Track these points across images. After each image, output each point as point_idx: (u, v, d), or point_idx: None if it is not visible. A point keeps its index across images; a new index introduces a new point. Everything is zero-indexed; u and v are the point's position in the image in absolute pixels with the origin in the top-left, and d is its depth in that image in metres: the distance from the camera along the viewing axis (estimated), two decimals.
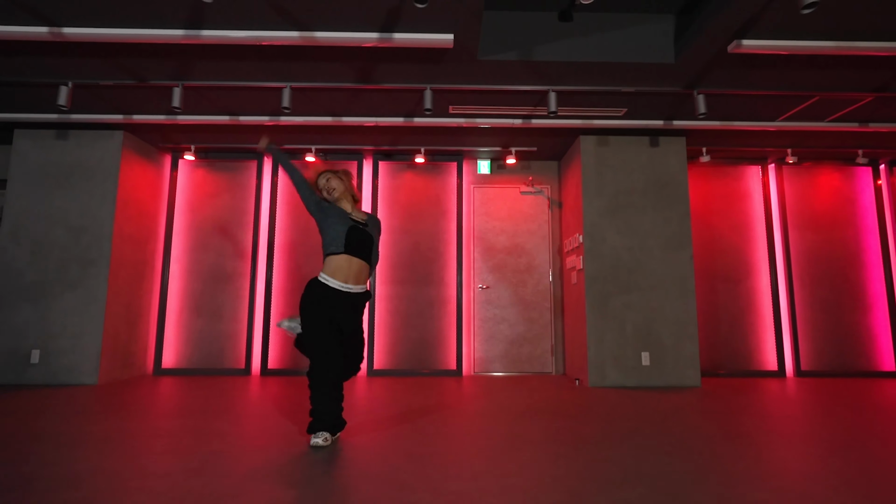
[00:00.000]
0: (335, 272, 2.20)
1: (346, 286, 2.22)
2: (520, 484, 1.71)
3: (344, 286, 2.21)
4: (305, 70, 3.25)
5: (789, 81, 3.39)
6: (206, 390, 3.71)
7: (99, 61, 3.15)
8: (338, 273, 2.20)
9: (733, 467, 1.90)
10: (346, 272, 2.22)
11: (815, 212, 5.03)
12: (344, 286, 2.21)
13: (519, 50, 3.10)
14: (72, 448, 2.12)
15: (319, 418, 2.16)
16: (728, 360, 4.78)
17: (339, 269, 2.20)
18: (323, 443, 2.14)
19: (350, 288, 2.23)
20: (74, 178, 4.19)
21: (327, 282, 2.20)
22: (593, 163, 4.32)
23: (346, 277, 2.22)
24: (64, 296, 4.03)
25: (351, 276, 2.22)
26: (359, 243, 2.24)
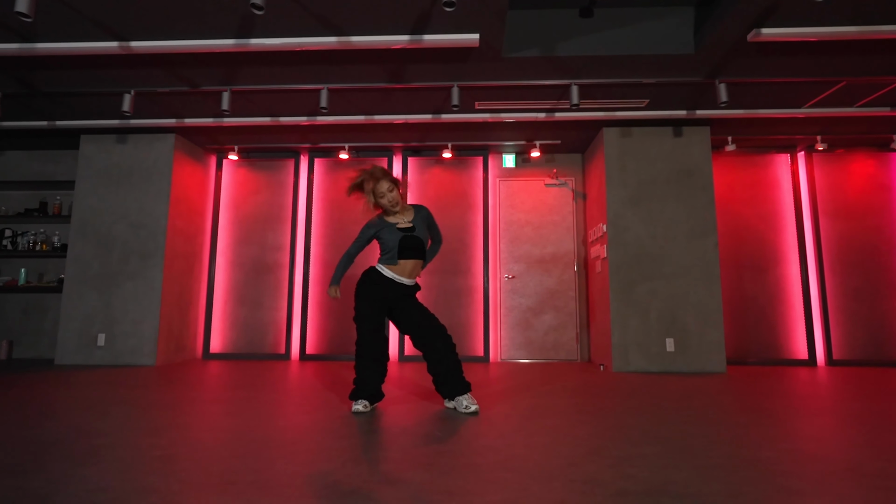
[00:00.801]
0: (399, 271, 2.46)
1: (399, 278, 2.46)
2: (543, 441, 1.89)
3: (397, 278, 2.46)
4: (341, 72, 3.50)
5: (813, 68, 3.41)
6: (253, 371, 4.03)
7: (157, 70, 3.49)
8: (395, 269, 2.46)
9: (747, 434, 2.02)
10: (402, 271, 2.47)
11: (848, 199, 4.95)
12: (397, 278, 2.46)
13: (541, 47, 3.26)
14: (146, 410, 2.43)
15: (361, 387, 2.39)
16: (756, 349, 4.78)
17: (403, 270, 2.47)
18: (363, 409, 2.37)
19: (403, 281, 2.47)
20: (133, 178, 4.60)
21: (383, 271, 2.45)
22: (616, 154, 4.42)
23: (401, 273, 2.46)
24: (125, 285, 4.44)
25: (406, 273, 2.47)
26: (411, 249, 2.45)
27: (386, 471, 1.52)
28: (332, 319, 5.03)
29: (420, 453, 1.71)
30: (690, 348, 4.16)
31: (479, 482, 1.43)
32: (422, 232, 2.50)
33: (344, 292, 5.07)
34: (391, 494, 1.33)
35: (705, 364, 4.14)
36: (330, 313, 5.04)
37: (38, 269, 5.01)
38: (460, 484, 1.41)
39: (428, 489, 1.37)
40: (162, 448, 1.76)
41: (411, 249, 2.45)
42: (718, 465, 1.61)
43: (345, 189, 5.23)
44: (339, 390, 3.08)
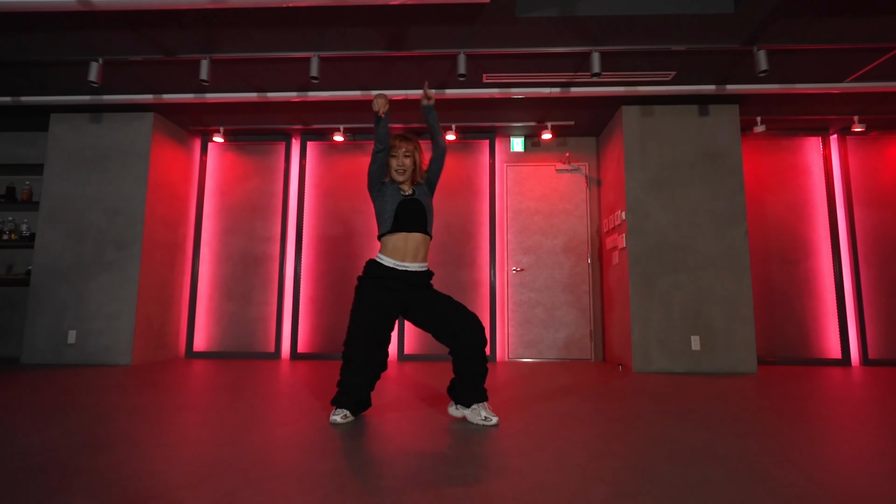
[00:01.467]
0: (392, 251, 2.04)
1: (402, 264, 2.03)
2: (576, 461, 1.52)
3: (400, 264, 2.02)
4: (334, 37, 3.12)
5: (867, 29, 3.03)
6: (238, 371, 3.66)
7: (127, 34, 3.10)
8: (395, 252, 2.03)
9: (816, 451, 1.65)
10: (404, 250, 2.03)
11: (884, 186, 4.58)
12: (400, 264, 2.02)
13: (561, 4, 2.87)
14: (103, 419, 2.05)
15: (344, 391, 2.01)
16: (784, 347, 4.41)
17: (395, 249, 2.03)
18: (341, 420, 1.99)
19: (407, 266, 2.03)
20: (108, 161, 4.21)
21: (382, 260, 2.04)
22: (636, 134, 4.04)
23: (404, 255, 2.03)
24: (99, 277, 4.06)
25: (409, 253, 2.04)
26: (410, 215, 2.04)
27: (389, 487, 1.15)
28: (326, 315, 4.66)
29: (425, 479, 1.34)
30: (718, 346, 3.79)
31: None
32: (426, 199, 2.11)
33: (342, 283, 4.69)
34: None
35: (734, 364, 3.77)
36: (324, 309, 4.67)
37: (6, 260, 4.63)
38: None
39: None
40: (97, 472, 1.39)
41: (411, 216, 2.03)
42: (806, 494, 1.24)
43: (340, 176, 4.85)
44: (330, 395, 2.71)
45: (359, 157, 4.87)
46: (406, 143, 2.09)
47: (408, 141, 2.10)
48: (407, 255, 2.04)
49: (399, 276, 2.02)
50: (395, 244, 2.03)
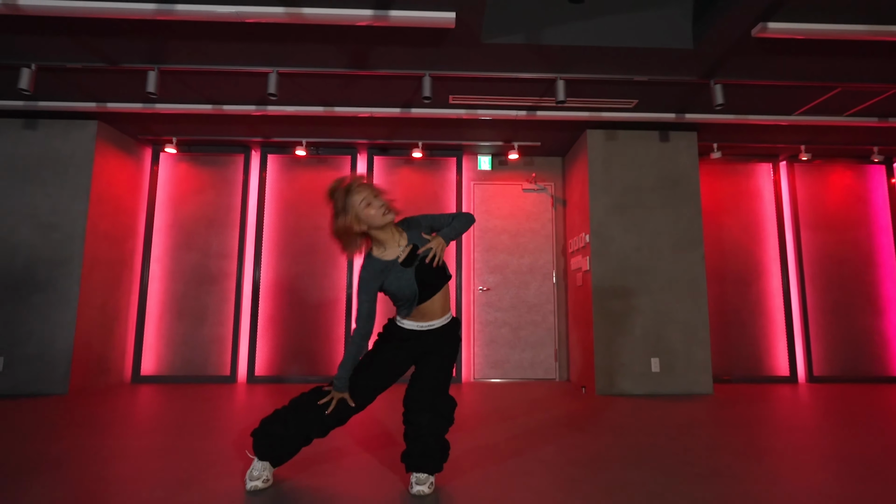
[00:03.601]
0: (417, 316, 1.72)
1: (424, 325, 1.72)
2: None
3: (422, 325, 1.72)
4: (294, 53, 2.99)
5: (813, 70, 3.18)
6: (186, 401, 3.43)
7: (65, 40, 2.86)
8: (421, 316, 1.72)
9: (767, 492, 1.67)
10: (430, 313, 1.72)
11: (828, 211, 4.84)
12: (422, 325, 1.72)
13: (526, 32, 2.86)
14: (20, 472, 1.84)
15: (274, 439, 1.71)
16: (738, 366, 4.57)
17: (421, 314, 1.71)
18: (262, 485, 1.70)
19: (424, 325, 1.72)
20: (45, 171, 3.89)
21: (403, 324, 1.73)
22: (601, 158, 4.10)
23: (430, 317, 1.72)
24: (32, 298, 3.73)
25: (434, 313, 1.72)
26: (430, 283, 1.69)
27: None
28: (287, 336, 4.47)
29: None
30: (677, 368, 3.88)
31: None
32: (422, 241, 1.73)
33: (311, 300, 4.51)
34: None
35: (692, 385, 3.86)
36: (284, 328, 4.48)
37: None
38: None
39: None
40: None
41: (431, 283, 1.68)
42: None
43: (302, 190, 4.69)
44: None
45: (322, 172, 4.72)
46: (369, 188, 1.68)
47: (368, 187, 1.69)
48: (435, 315, 1.73)
49: (426, 337, 1.73)
50: (422, 311, 1.71)
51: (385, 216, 1.64)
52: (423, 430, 1.69)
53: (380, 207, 1.64)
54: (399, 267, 1.66)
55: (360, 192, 1.65)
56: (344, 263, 4.59)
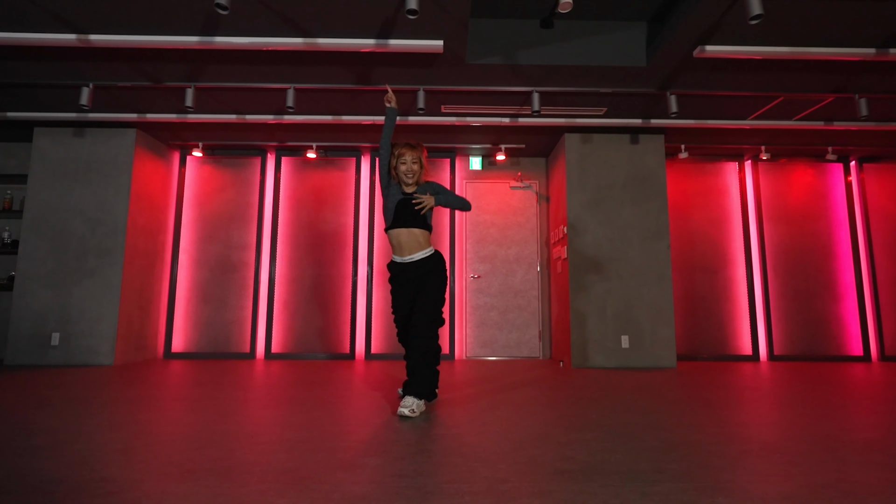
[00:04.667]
0: (394, 248, 2.38)
1: (406, 258, 2.34)
2: (494, 430, 2.00)
3: (404, 259, 2.35)
4: (308, 73, 3.54)
5: (754, 83, 3.68)
6: (215, 369, 4.00)
7: (119, 65, 3.43)
8: (395, 249, 2.37)
9: (682, 421, 2.19)
10: (400, 245, 2.33)
11: (789, 206, 5.32)
12: (404, 259, 2.35)
13: (504, 54, 3.39)
14: (103, 407, 2.41)
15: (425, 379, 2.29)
16: (705, 345, 5.07)
17: (395, 246, 2.36)
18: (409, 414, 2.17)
19: (404, 259, 2.35)
20: (91, 173, 4.48)
21: (394, 259, 2.41)
22: (577, 159, 4.61)
23: (401, 250, 2.34)
24: (82, 283, 4.32)
25: (404, 247, 2.33)
26: (407, 214, 2.30)
27: (343, 458, 1.60)
28: (299, 317, 5.03)
29: (377, 441, 1.79)
30: (644, 345, 4.39)
31: (429, 465, 1.53)
32: (423, 195, 2.35)
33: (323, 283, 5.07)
34: (347, 478, 1.41)
35: (658, 360, 4.37)
36: (296, 312, 5.04)
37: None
38: (413, 467, 1.51)
39: (382, 472, 1.45)
40: (121, 441, 1.78)
41: (408, 215, 2.30)
42: (651, 447, 1.76)
43: (312, 189, 5.25)
44: (302, 387, 3.12)
45: (331, 172, 5.28)
46: (412, 150, 2.37)
47: (413, 148, 2.38)
48: (403, 249, 2.35)
49: (403, 270, 2.37)
50: (394, 241, 2.36)
51: (406, 178, 2.37)
52: (413, 352, 2.25)
53: (406, 171, 2.36)
54: (399, 193, 2.37)
55: (408, 153, 2.38)
56: (350, 254, 5.14)
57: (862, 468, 1.53)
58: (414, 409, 2.20)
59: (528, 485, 1.37)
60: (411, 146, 2.40)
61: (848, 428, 2.05)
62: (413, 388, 2.25)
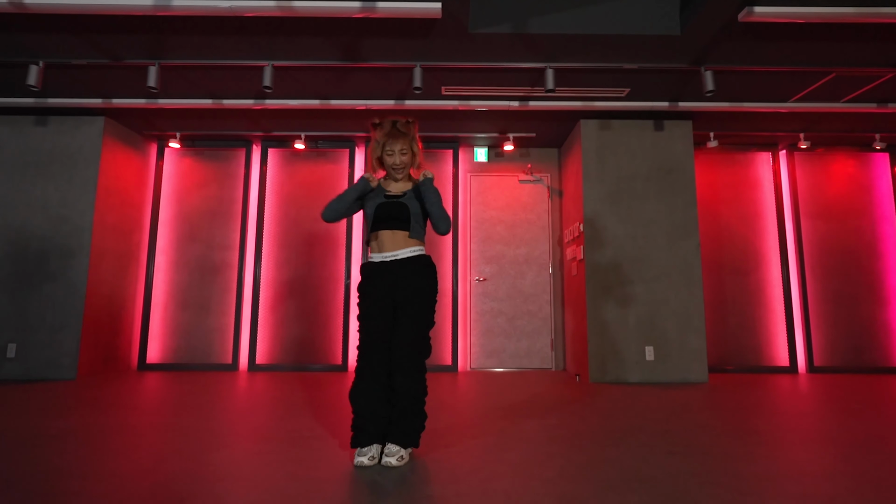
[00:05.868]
0: (375, 248, 1.90)
1: (379, 256, 1.87)
2: (503, 487, 1.52)
3: (386, 256, 1.86)
4: (288, 46, 3.07)
5: (804, 55, 3.17)
6: (191, 384, 3.55)
7: (70, 38, 2.98)
8: (376, 248, 1.89)
9: (745, 469, 1.70)
10: (382, 244, 1.87)
11: (829, 200, 4.79)
12: (386, 256, 1.86)
13: (513, 22, 2.90)
14: (37, 445, 1.95)
15: (358, 424, 1.76)
16: (736, 355, 4.56)
17: (376, 245, 1.89)
18: (368, 462, 1.70)
19: (386, 256, 1.86)
20: (54, 165, 4.04)
21: (372, 258, 1.90)
22: (594, 147, 4.12)
23: (381, 248, 1.87)
24: (43, 287, 3.89)
25: (386, 244, 1.86)
26: (388, 215, 1.86)
27: None
28: (286, 325, 4.57)
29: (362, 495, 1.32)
30: (671, 357, 3.89)
31: None
32: (413, 204, 1.88)
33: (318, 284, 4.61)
34: None
35: (686, 373, 3.87)
36: (284, 318, 4.58)
37: None
38: None
39: None
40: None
41: (389, 216, 1.85)
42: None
43: (301, 183, 4.79)
44: (278, 413, 2.65)
45: (321, 165, 4.81)
46: (399, 138, 1.88)
47: (401, 134, 1.88)
48: (385, 247, 1.87)
49: (384, 269, 1.85)
50: (375, 242, 1.89)
51: (394, 171, 1.90)
52: (402, 397, 1.76)
53: (395, 163, 1.89)
54: (382, 195, 1.90)
55: (394, 142, 1.88)
56: (342, 255, 4.68)
57: None
58: (403, 457, 1.74)
59: None
60: (399, 130, 1.88)
61: None
62: (400, 436, 1.76)
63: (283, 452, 1.88)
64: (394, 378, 1.76)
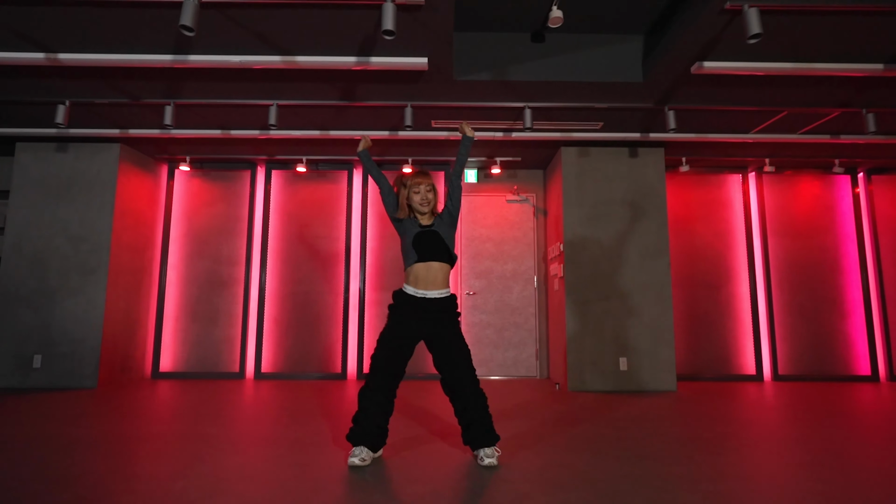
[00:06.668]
0: (414, 281, 2.18)
1: (420, 292, 2.16)
2: (471, 484, 1.86)
3: (418, 292, 2.17)
4: (291, 89, 3.40)
5: (757, 98, 3.51)
6: (203, 392, 3.88)
7: (95, 82, 3.32)
8: (417, 282, 2.18)
9: (676, 473, 2.04)
10: (424, 279, 2.16)
11: (795, 219, 5.14)
12: (418, 292, 2.17)
13: (493, 70, 3.24)
14: (64, 451, 2.29)
15: (360, 424, 2.12)
16: (707, 365, 4.90)
17: (416, 278, 2.18)
18: (360, 462, 2.04)
19: (425, 293, 2.16)
20: (74, 189, 4.37)
21: (406, 289, 2.20)
22: (574, 173, 4.46)
23: (425, 284, 2.16)
24: (65, 303, 4.22)
25: (429, 281, 2.17)
26: (429, 246, 2.18)
27: None
28: (290, 336, 4.91)
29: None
30: (643, 367, 4.23)
31: None
32: (444, 230, 2.21)
33: None
34: None
35: (657, 383, 4.21)
36: (288, 329, 4.92)
37: None
38: None
39: None
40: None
41: (430, 246, 2.16)
42: None
43: (303, 202, 5.12)
44: (284, 419, 2.99)
45: (322, 185, 5.15)
46: (425, 178, 2.27)
47: (425, 176, 2.28)
48: (428, 284, 2.16)
49: (420, 305, 2.15)
50: (416, 273, 2.17)
51: (421, 207, 2.24)
52: (470, 405, 2.14)
53: (421, 200, 2.24)
54: (415, 225, 2.24)
55: (418, 183, 2.25)
56: (342, 269, 5.01)
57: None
58: (494, 454, 2.14)
59: None
60: (423, 173, 2.29)
61: (857, 477, 1.89)
62: (485, 439, 2.16)
63: (290, 456, 2.21)
64: (463, 393, 2.16)
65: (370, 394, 2.14)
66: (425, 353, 4.90)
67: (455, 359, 2.16)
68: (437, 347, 2.18)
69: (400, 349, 2.15)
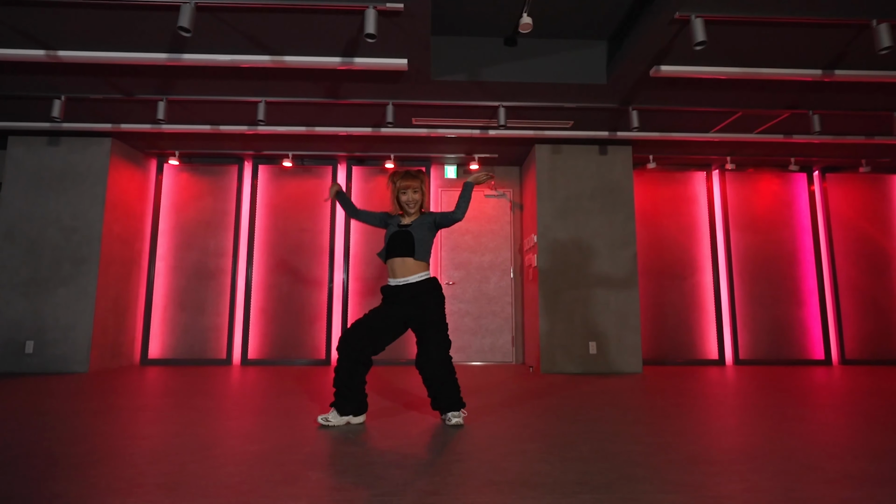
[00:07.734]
0: (392, 273, 2.40)
1: (395, 281, 2.39)
2: (441, 440, 2.10)
3: (394, 281, 2.40)
4: (279, 87, 3.61)
5: (713, 100, 3.81)
6: (190, 376, 4.06)
7: (89, 78, 3.48)
8: (394, 273, 2.40)
9: (622, 431, 2.31)
10: (400, 270, 2.38)
11: (756, 214, 5.49)
12: (394, 281, 2.40)
13: (469, 72, 3.49)
14: (69, 419, 2.47)
15: (338, 392, 2.33)
16: (674, 351, 5.22)
17: (393, 271, 2.40)
18: (322, 422, 2.32)
19: (398, 282, 2.38)
20: (66, 181, 4.51)
21: (389, 282, 2.44)
22: (547, 169, 4.73)
23: (401, 273, 2.37)
24: (57, 291, 4.35)
25: (403, 271, 2.37)
26: (398, 246, 2.37)
27: (287, 472, 1.69)
28: (275, 324, 5.10)
29: (325, 454, 1.88)
30: (611, 351, 4.52)
31: (368, 477, 1.62)
32: (418, 231, 2.38)
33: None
34: (287, 492, 1.50)
35: (624, 365, 4.51)
36: (273, 318, 5.11)
37: None
38: (351, 480, 1.60)
39: (321, 486, 1.55)
40: (77, 456, 1.85)
41: (399, 246, 2.36)
42: (583, 458, 1.87)
43: (289, 196, 5.31)
44: (270, 396, 3.20)
45: (307, 180, 5.34)
46: (411, 180, 2.41)
47: (413, 178, 2.42)
48: (403, 273, 2.37)
49: (396, 292, 2.38)
50: (393, 267, 2.40)
51: (407, 207, 2.42)
52: (437, 374, 2.35)
53: (407, 200, 2.41)
54: (396, 224, 2.44)
55: (406, 185, 2.42)
56: (326, 261, 5.21)
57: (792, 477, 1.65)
58: (459, 415, 2.38)
59: (456, 497, 1.47)
60: (412, 175, 2.44)
61: (788, 436, 2.18)
62: (450, 405, 2.39)
63: (279, 421, 2.43)
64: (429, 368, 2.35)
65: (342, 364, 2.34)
66: (406, 341, 5.13)
67: (429, 335, 2.38)
68: (416, 326, 2.40)
69: (369, 325, 2.35)
